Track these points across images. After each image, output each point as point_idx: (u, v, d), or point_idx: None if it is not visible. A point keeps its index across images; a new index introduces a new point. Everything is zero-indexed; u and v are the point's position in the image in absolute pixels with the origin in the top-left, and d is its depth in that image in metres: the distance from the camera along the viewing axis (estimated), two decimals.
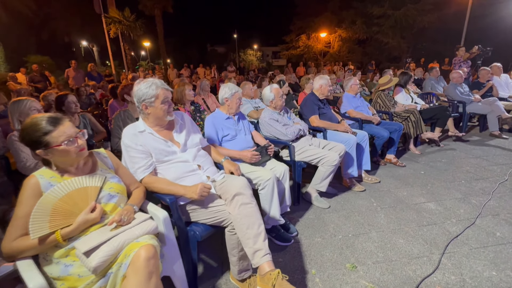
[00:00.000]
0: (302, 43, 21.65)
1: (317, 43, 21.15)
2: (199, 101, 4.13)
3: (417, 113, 3.61)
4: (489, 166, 3.20)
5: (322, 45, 21.25)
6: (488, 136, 4.42)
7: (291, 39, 22.66)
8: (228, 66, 13.74)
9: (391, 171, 3.17)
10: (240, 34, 32.00)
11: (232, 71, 13.47)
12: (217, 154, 1.84)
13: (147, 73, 12.80)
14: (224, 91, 2.17)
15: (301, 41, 21.61)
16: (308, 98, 3.04)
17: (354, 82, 3.52)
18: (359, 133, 2.91)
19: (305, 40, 21.51)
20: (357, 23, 18.56)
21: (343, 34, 19.90)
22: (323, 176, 2.36)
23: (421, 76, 7.68)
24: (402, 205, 2.41)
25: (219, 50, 36.10)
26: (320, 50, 21.37)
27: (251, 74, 9.68)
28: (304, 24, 21.40)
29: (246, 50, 31.70)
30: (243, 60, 29.92)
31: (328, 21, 20.11)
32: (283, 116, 2.60)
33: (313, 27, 20.81)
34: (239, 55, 30.50)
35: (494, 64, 5.41)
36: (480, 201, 2.42)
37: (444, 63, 12.28)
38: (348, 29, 19.37)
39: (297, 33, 22.08)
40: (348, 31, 19.47)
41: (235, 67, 13.94)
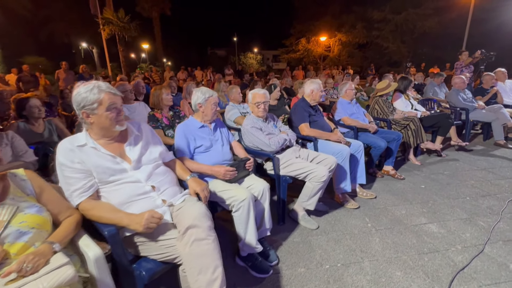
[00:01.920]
0: (301, 47, 21.52)
1: (317, 47, 21.01)
2: (185, 105, 3.88)
3: (417, 121, 3.34)
4: (495, 180, 2.93)
5: (322, 49, 21.11)
6: (492, 146, 4.16)
7: (291, 42, 22.54)
8: (226, 69, 13.51)
9: (389, 184, 2.90)
10: (241, 37, 31.98)
11: (229, 74, 13.27)
12: (183, 170, 1.57)
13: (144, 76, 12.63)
14: (197, 96, 1.92)
15: (301, 45, 21.48)
16: (298, 104, 2.78)
17: (349, 87, 3.27)
18: (353, 143, 2.65)
19: (305, 44, 21.38)
20: (357, 27, 18.42)
21: (343, 38, 19.76)
22: (310, 193, 2.09)
23: (422, 81, 7.45)
24: (400, 226, 2.13)
25: (220, 53, 36.06)
26: (320, 54, 21.22)
27: (246, 77, 9.42)
28: (304, 27, 21.28)
29: (247, 53, 31.61)
30: (243, 63, 29.80)
31: (328, 25, 19.98)
32: (268, 124, 2.34)
33: (313, 31, 20.68)
34: (239, 58, 30.41)
35: (498, 69, 5.16)
36: (489, 222, 2.14)
37: (446, 68, 12.10)
38: (348, 33, 19.23)
39: (297, 37, 21.96)
40: (348, 35, 19.34)
41: (233, 70, 13.71)
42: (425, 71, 12.37)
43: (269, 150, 2.16)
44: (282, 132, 2.35)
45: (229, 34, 32.18)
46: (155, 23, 15.38)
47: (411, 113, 3.57)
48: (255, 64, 30.51)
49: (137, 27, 10.27)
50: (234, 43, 31.19)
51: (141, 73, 12.99)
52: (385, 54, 18.60)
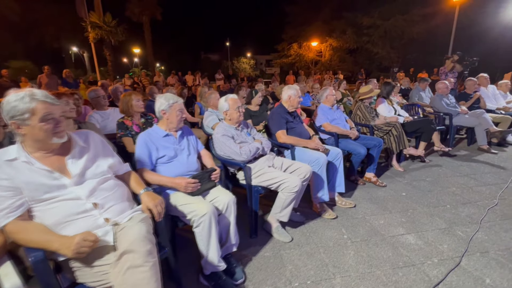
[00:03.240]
0: (293, 52, 21.67)
1: (308, 52, 21.18)
2: None
3: (400, 127, 3.30)
4: (477, 187, 2.89)
5: (314, 54, 21.29)
6: (476, 150, 4.15)
7: (283, 47, 22.69)
8: (216, 74, 13.45)
9: (370, 192, 2.83)
10: (233, 42, 32.12)
11: (220, 79, 13.21)
12: (137, 184, 1.45)
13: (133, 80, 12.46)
14: (160, 102, 1.81)
15: (293, 50, 21.64)
16: (275, 111, 2.70)
17: (329, 93, 3.21)
18: (332, 151, 2.57)
19: (296, 49, 21.54)
20: (347, 32, 18.65)
21: (334, 43, 19.98)
22: (283, 205, 2.00)
23: (408, 86, 7.50)
24: (377, 237, 2.05)
25: (213, 57, 36.10)
26: (312, 58, 21.39)
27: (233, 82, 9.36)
28: (296, 33, 21.46)
29: (240, 58, 31.69)
30: (237, 68, 29.84)
31: (319, 30, 20.19)
32: (241, 131, 2.25)
33: (304, 36, 20.87)
34: (232, 63, 30.46)
35: (481, 74, 5.20)
36: (467, 232, 2.07)
37: (433, 73, 12.28)
38: (339, 38, 19.46)
39: (289, 42, 22.12)
40: (339, 41, 19.56)
41: (223, 74, 13.66)
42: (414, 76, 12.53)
43: (240, 160, 2.06)
44: (256, 141, 2.26)
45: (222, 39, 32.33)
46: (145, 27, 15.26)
47: (392, 118, 3.53)
48: (248, 68, 30.60)
49: (124, 31, 10.13)
50: (227, 48, 31.28)
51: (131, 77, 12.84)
52: (375, 59, 18.85)
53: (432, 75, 11.97)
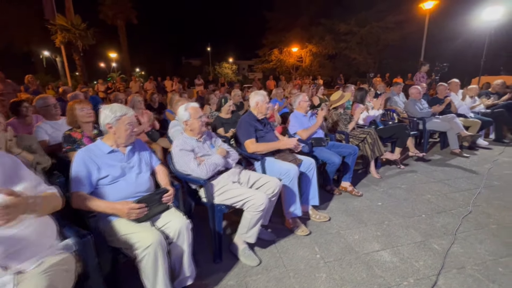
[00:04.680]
0: (274, 57, 21.81)
1: (289, 57, 21.40)
2: None
3: (374, 133, 3.24)
4: (451, 193, 2.85)
5: (294, 59, 21.54)
6: (449, 154, 4.20)
7: (264, 53, 22.79)
8: (196, 79, 13.16)
9: (345, 203, 2.70)
10: (215, 47, 31.90)
11: (200, 84, 12.93)
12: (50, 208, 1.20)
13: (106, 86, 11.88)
14: (105, 114, 1.57)
15: (274, 55, 21.78)
16: (243, 119, 2.52)
17: (302, 99, 3.09)
18: (305, 161, 2.43)
19: (277, 54, 21.71)
20: (326, 39, 19.06)
21: (313, 49, 20.33)
22: (249, 224, 1.81)
23: (384, 90, 7.65)
24: (351, 255, 1.90)
25: (194, 63, 35.67)
26: (292, 64, 21.62)
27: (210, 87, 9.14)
28: (276, 38, 21.65)
29: (222, 63, 31.49)
30: (219, 73, 29.60)
31: (299, 36, 20.49)
32: (203, 143, 2.04)
33: (284, 42, 21.09)
34: (214, 68, 30.20)
35: (452, 80, 5.35)
36: (443, 245, 1.98)
37: (407, 78, 12.74)
38: (318, 44, 19.83)
39: (270, 47, 22.26)
40: (318, 47, 19.94)
41: (203, 80, 13.39)
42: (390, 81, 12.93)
43: (200, 177, 1.85)
44: (219, 152, 2.05)
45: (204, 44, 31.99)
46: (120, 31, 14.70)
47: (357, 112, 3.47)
48: (231, 73, 30.46)
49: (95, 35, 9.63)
50: (208, 53, 30.98)
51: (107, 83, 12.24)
52: (353, 64, 19.37)
53: (407, 80, 12.44)
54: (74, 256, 1.11)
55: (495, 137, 4.97)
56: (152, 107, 5.13)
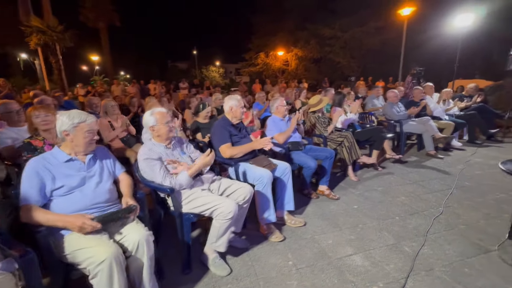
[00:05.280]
0: (261, 61, 21.89)
1: (275, 61, 21.54)
2: (102, 126, 3.35)
3: (351, 137, 3.27)
4: (424, 195, 2.91)
5: (280, 63, 21.69)
6: (425, 156, 4.31)
7: (251, 56, 22.84)
8: (180, 83, 12.98)
9: (322, 207, 2.70)
10: (202, 51, 31.72)
11: (184, 88, 12.75)
12: None
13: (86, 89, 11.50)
14: (61, 121, 1.48)
15: (260, 59, 21.86)
16: (217, 124, 2.48)
17: (280, 103, 3.08)
18: (280, 166, 2.40)
19: (263, 58, 21.80)
20: (311, 43, 19.34)
21: (299, 53, 20.56)
22: (218, 233, 1.75)
23: (365, 94, 7.82)
24: (324, 261, 1.89)
25: (181, 66, 35.28)
26: (279, 67, 21.77)
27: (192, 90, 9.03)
28: (262, 42, 21.75)
29: (208, 66, 31.32)
30: (206, 77, 29.41)
31: (285, 40, 20.68)
32: (173, 150, 1.97)
33: (270, 46, 21.22)
34: (201, 72, 29.99)
35: (427, 84, 5.54)
36: (414, 247, 2.00)
37: (389, 81, 13.13)
38: (304, 48, 20.08)
39: (256, 51, 22.34)
40: (303, 50, 20.18)
41: (188, 83, 13.22)
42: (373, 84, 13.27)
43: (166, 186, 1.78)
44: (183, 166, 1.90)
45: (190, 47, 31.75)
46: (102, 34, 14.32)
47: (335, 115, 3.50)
48: (218, 77, 30.34)
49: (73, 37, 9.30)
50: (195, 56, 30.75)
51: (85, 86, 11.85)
52: (337, 68, 19.73)
53: (388, 83, 12.81)
54: (14, 275, 1.02)
55: (468, 139, 5.17)
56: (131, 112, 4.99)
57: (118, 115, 3.57)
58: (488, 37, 12.79)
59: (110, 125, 3.42)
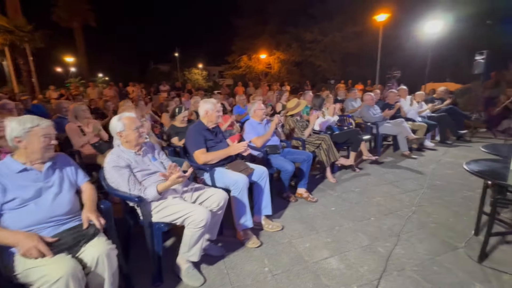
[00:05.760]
0: (243, 64, 21.92)
1: (258, 64, 21.64)
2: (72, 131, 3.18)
3: (328, 139, 3.31)
4: (399, 195, 3.00)
5: (263, 66, 21.84)
6: (400, 156, 4.46)
7: (234, 59, 22.81)
8: (161, 85, 12.69)
9: (300, 210, 2.70)
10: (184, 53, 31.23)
11: (165, 91, 12.47)
12: None
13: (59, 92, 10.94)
14: (11, 127, 1.37)
15: (243, 62, 21.88)
16: (192, 129, 2.41)
17: (258, 107, 3.07)
18: (257, 170, 2.38)
19: (246, 61, 21.84)
20: (292, 46, 19.64)
21: (281, 56, 20.80)
22: (190, 242, 1.69)
23: (345, 96, 8.03)
24: (300, 266, 1.87)
25: (163, 68, 34.53)
26: (262, 70, 21.91)
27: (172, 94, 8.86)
28: (245, 45, 21.80)
29: (191, 69, 30.90)
30: (188, 79, 28.97)
31: (267, 43, 20.85)
32: (143, 157, 1.89)
33: (253, 49, 21.31)
34: (184, 74, 29.53)
35: (400, 87, 5.78)
36: (387, 247, 2.04)
37: (367, 84, 13.58)
38: (286, 51, 20.35)
39: (239, 54, 22.34)
40: (285, 54, 20.45)
41: (169, 86, 12.95)
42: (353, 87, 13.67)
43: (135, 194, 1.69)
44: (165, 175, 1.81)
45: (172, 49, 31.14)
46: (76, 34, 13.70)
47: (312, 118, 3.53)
48: (201, 79, 30.01)
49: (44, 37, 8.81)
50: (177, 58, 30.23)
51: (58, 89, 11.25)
52: (319, 71, 20.15)
53: (367, 86, 13.25)
54: None
55: (440, 139, 5.42)
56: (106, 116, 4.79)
57: (90, 120, 3.41)
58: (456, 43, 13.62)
59: (81, 130, 3.25)
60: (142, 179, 1.77)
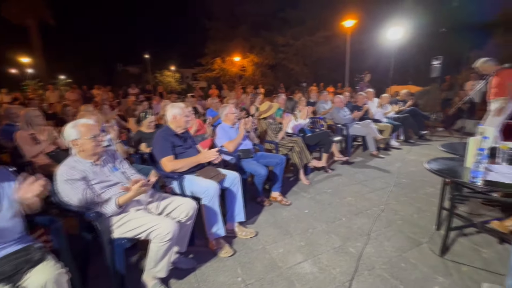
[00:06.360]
0: (217, 66, 21.72)
1: (232, 67, 21.56)
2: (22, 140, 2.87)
3: (301, 142, 3.35)
4: (368, 194, 3.11)
5: (237, 69, 21.79)
6: (369, 156, 4.65)
7: (207, 61, 22.51)
8: (130, 88, 12.08)
9: (274, 214, 2.68)
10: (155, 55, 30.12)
11: (134, 94, 11.88)
12: None
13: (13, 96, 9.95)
14: None
15: (217, 64, 21.67)
16: (158, 135, 2.28)
17: (229, 111, 3.00)
18: (229, 175, 2.31)
19: (220, 63, 21.66)
20: (266, 49, 19.88)
21: (255, 59, 20.93)
22: (156, 257, 1.58)
23: (316, 99, 8.27)
24: (274, 272, 1.84)
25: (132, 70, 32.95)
26: (236, 73, 21.85)
27: (140, 97, 8.49)
28: (218, 47, 21.61)
29: (163, 71, 29.91)
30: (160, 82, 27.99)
31: (240, 46, 20.86)
32: (102, 167, 1.73)
33: (226, 51, 21.19)
34: (155, 76, 28.48)
35: (368, 90, 6.06)
36: (358, 247, 2.08)
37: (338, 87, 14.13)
38: (259, 54, 20.53)
39: (212, 56, 22.09)
40: (259, 57, 20.62)
41: (138, 89, 12.36)
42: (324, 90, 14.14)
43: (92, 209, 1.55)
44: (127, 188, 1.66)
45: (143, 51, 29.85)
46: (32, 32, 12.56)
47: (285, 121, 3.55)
48: (173, 82, 29.19)
49: None
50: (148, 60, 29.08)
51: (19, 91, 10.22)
52: (292, 74, 20.58)
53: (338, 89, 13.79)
54: None
55: (404, 138, 5.77)
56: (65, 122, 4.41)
57: (44, 126, 3.10)
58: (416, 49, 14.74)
59: (34, 138, 2.95)
60: (101, 192, 1.62)
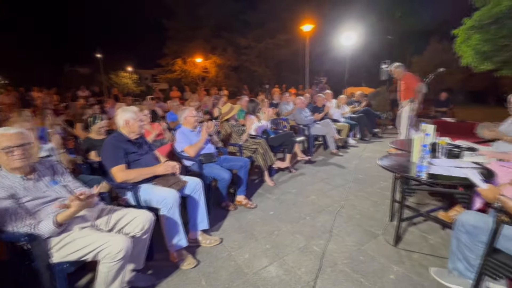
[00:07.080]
0: (178, 67, 20.98)
1: (194, 68, 21.02)
2: None
3: (264, 144, 3.36)
4: (330, 191, 3.23)
5: (200, 70, 21.31)
6: (330, 155, 4.87)
7: (167, 62, 21.60)
8: (79, 90, 11.00)
9: (239, 218, 2.63)
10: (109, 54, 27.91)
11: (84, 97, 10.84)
12: None
13: None
14: None
15: (177, 65, 20.93)
16: (107, 142, 2.07)
17: (189, 114, 2.88)
18: (190, 182, 2.20)
19: (181, 65, 20.96)
20: (228, 51, 19.80)
21: (217, 61, 20.70)
22: (107, 280, 1.41)
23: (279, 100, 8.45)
24: (240, 280, 1.79)
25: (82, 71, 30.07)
26: (198, 74, 21.35)
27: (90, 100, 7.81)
28: (178, 48, 20.89)
29: (118, 72, 27.85)
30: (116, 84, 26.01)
31: (202, 47, 20.45)
32: (36, 182, 1.50)
33: (187, 52, 20.60)
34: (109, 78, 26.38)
35: (327, 91, 6.37)
36: (321, 245, 2.14)
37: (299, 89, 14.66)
38: (221, 56, 20.35)
39: (173, 57, 21.28)
40: (221, 58, 20.44)
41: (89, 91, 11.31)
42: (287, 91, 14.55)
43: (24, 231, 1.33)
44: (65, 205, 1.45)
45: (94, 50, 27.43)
46: None
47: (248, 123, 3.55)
48: (130, 83, 27.40)
49: None
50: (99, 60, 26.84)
51: None
52: (255, 76, 20.81)
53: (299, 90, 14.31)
54: None
55: (360, 137, 6.18)
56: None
57: None
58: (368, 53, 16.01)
59: None
60: (35, 210, 1.40)
